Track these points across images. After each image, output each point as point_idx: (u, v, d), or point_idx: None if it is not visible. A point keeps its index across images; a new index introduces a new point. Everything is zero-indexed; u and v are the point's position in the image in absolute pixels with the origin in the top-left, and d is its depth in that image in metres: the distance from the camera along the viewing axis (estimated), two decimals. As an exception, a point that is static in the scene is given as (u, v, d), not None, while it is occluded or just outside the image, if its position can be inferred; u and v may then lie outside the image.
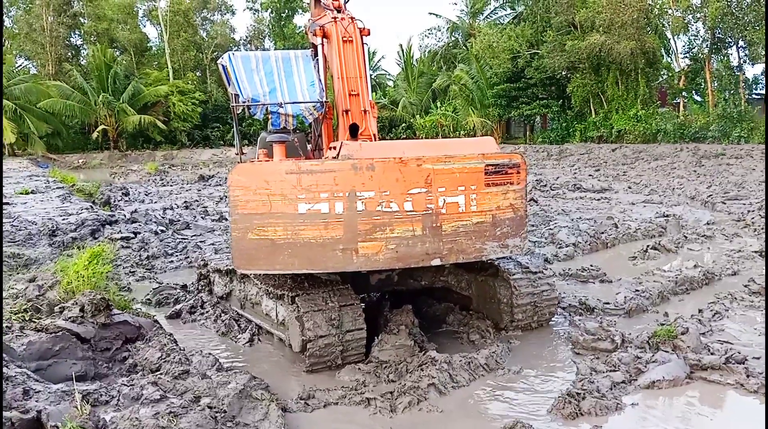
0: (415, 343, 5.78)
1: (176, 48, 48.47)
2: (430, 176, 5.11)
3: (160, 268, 9.86)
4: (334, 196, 4.97)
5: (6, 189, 18.30)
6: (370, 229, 5.03)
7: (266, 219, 5.03)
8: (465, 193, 5.23)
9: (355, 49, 7.19)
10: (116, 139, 44.55)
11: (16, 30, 49.09)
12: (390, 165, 5.04)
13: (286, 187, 4.98)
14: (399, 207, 5.05)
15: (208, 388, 4.86)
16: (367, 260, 5.08)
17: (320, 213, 4.99)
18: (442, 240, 5.20)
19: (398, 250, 5.11)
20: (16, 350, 5.14)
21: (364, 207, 5.01)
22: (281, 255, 5.06)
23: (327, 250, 5.04)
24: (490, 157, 5.34)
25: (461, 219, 5.25)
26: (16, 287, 7.01)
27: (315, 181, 4.97)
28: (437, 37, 50.85)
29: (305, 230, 5.00)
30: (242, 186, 5.05)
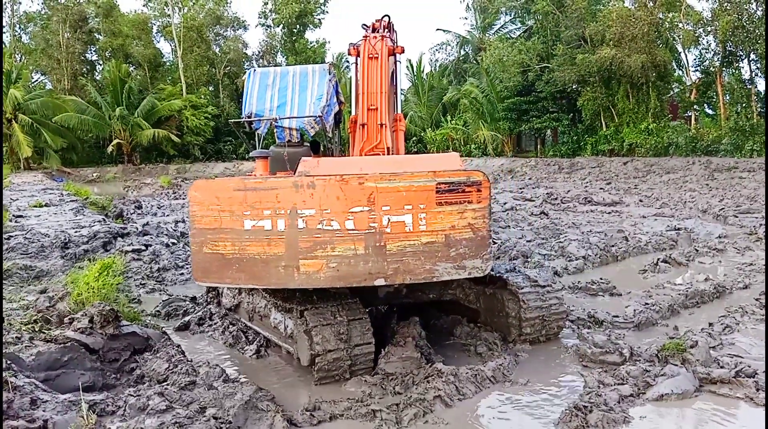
0: (421, 355, 5.77)
1: (189, 63, 49.00)
2: (373, 194, 5.04)
3: (171, 280, 9.92)
4: (276, 214, 5.05)
5: (20, 202, 18.53)
6: (311, 246, 5.06)
7: (217, 234, 5.16)
8: (412, 212, 5.09)
9: (380, 66, 7.25)
10: (130, 152, 45.03)
11: (32, 45, 49.90)
12: (331, 183, 5.04)
13: (234, 204, 5.10)
14: (340, 225, 5.04)
15: (214, 398, 4.87)
16: (309, 278, 5.10)
17: (264, 229, 5.08)
18: (386, 259, 5.10)
19: (339, 269, 5.08)
20: (25, 360, 5.18)
21: (305, 224, 5.04)
22: (230, 269, 5.20)
23: (270, 267, 5.12)
24: (442, 175, 5.16)
25: (408, 238, 5.11)
26: (27, 298, 7.10)
27: (259, 198, 5.07)
28: (447, 51, 51.11)
29: (251, 246, 5.12)
30: (198, 201, 5.20)
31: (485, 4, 43.78)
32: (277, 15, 50.34)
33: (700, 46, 33.05)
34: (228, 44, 51.63)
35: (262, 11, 51.83)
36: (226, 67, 50.34)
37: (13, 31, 50.92)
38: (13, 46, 50.23)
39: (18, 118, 40.86)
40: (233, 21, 52.60)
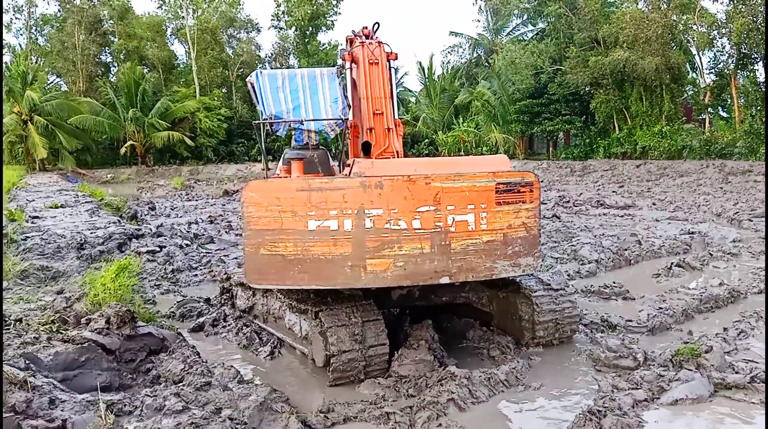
0: (435, 358, 5.79)
1: (203, 65, 49.32)
2: (438, 194, 5.15)
3: (185, 281, 10.00)
4: (343, 214, 5.05)
5: (36, 203, 18.72)
6: (379, 246, 5.10)
7: (277, 235, 5.11)
8: (475, 212, 5.24)
9: (380, 71, 7.34)
10: (144, 154, 45.38)
11: (48, 47, 50.43)
12: (398, 183, 5.11)
13: (297, 204, 5.07)
14: (407, 225, 5.11)
15: (230, 399, 4.91)
16: (376, 277, 5.14)
17: (329, 230, 5.06)
18: (451, 258, 5.22)
19: (406, 268, 5.15)
20: (43, 360, 5.25)
21: (373, 224, 5.08)
22: (292, 270, 5.15)
23: (336, 267, 5.12)
24: (501, 176, 5.36)
25: (471, 237, 5.26)
26: (44, 299, 7.18)
27: (324, 198, 5.06)
28: (459, 54, 51.10)
29: (315, 246, 5.09)
30: (255, 202, 5.14)
31: (498, 7, 43.69)
32: (289, 17, 50.57)
33: (715, 48, 32.86)
34: (241, 46, 51.96)
35: (275, 13, 52.06)
36: (239, 69, 50.63)
37: (30, 33, 51.45)
38: (30, 48, 50.74)
39: (34, 120, 41.32)
40: (246, 23, 52.95)
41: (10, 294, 7.56)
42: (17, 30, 52.52)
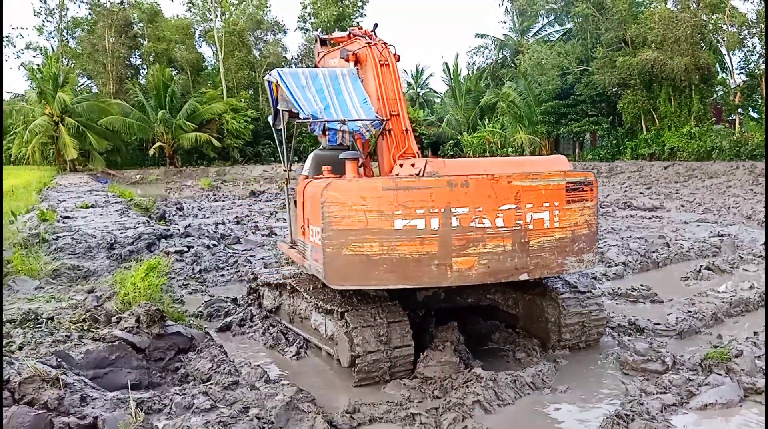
0: (460, 359, 5.78)
1: (230, 67, 49.91)
2: (519, 193, 5.26)
3: (212, 281, 10.12)
4: (429, 212, 5.07)
5: (67, 203, 19.12)
6: (464, 244, 5.14)
7: (362, 235, 5.07)
8: (549, 210, 5.40)
9: (392, 72, 7.36)
10: (172, 155, 46.07)
11: (79, 50, 51.45)
12: (483, 182, 5.19)
13: (383, 203, 5.05)
14: (491, 223, 5.19)
15: (257, 399, 4.97)
16: (461, 275, 5.18)
17: (416, 229, 5.06)
18: (529, 255, 5.36)
19: (490, 265, 5.23)
20: (74, 358, 5.36)
21: (459, 223, 5.12)
22: (377, 270, 5.10)
23: (422, 266, 5.11)
24: (570, 175, 5.57)
25: (546, 235, 5.41)
26: (75, 298, 7.32)
27: (412, 197, 5.06)
28: (485, 55, 50.90)
29: (401, 246, 5.06)
30: (338, 202, 5.08)
31: (524, 8, 43.46)
32: (315, 19, 50.94)
33: (745, 48, 32.29)
34: (268, 48, 52.47)
35: (301, 15, 52.48)
36: (265, 70, 51.09)
37: (61, 36, 52.54)
38: (61, 50, 51.82)
39: (65, 121, 42.17)
40: (273, 25, 53.45)
41: (43, 292, 7.73)
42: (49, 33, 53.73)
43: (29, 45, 55.70)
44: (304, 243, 6.05)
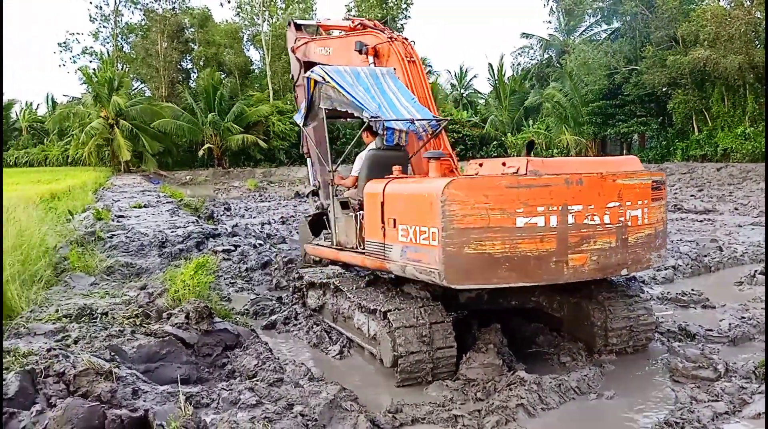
0: (503, 362, 5.74)
1: (277, 70, 50.70)
2: (621, 191, 5.41)
3: (257, 280, 10.29)
4: (549, 210, 5.11)
5: (121, 203, 19.75)
6: (578, 241, 5.23)
7: (484, 233, 5.05)
8: (641, 207, 5.57)
9: (419, 69, 7.29)
10: (220, 156, 47.09)
11: (133, 55, 53.10)
12: (594, 180, 5.30)
13: (506, 201, 5.05)
14: (600, 220, 5.31)
15: (301, 396, 5.03)
16: (575, 272, 5.26)
17: (537, 226, 5.10)
18: (628, 251, 5.51)
19: (599, 262, 5.34)
20: (127, 352, 5.54)
21: (574, 220, 5.20)
22: (498, 269, 5.10)
23: (542, 263, 5.16)
24: (654, 175, 5.77)
25: (639, 231, 5.58)
26: (128, 294, 7.56)
27: (533, 195, 5.09)
28: (530, 55, 50.31)
29: (522, 244, 5.08)
30: (460, 200, 5.05)
31: (570, 7, 42.76)
32: (359, 21, 51.16)
33: (804, 45, 30.94)
34: (312, 51, 52.92)
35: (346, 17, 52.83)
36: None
37: (116, 41, 54.28)
38: (116, 55, 53.54)
39: (119, 124, 43.59)
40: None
41: (97, 289, 8.01)
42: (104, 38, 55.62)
43: (85, 50, 57.80)
44: (384, 244, 5.93)
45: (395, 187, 5.90)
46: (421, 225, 5.31)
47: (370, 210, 6.20)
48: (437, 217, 5.06)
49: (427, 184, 5.47)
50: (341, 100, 6.81)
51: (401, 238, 5.59)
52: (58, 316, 6.20)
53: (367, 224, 6.30)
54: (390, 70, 7.39)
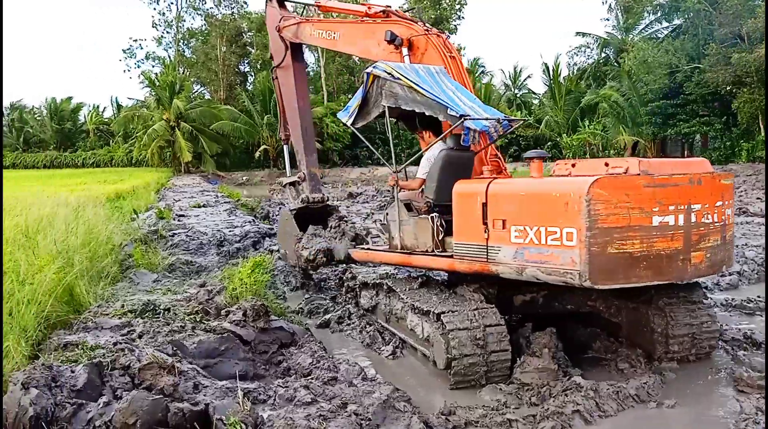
0: (558, 367, 5.65)
1: (331, 72, 51.31)
2: (721, 190, 5.54)
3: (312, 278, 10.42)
4: (677, 209, 5.21)
5: (181, 202, 20.36)
6: (698, 239, 5.35)
7: (625, 232, 5.09)
8: (729, 207, 5.71)
9: (460, 66, 7.09)
10: (276, 157, 47.94)
11: (193, 59, 54.71)
12: (708, 180, 5.45)
13: (644, 200, 5.11)
14: (712, 218, 5.44)
15: (355, 395, 5.08)
16: (696, 269, 5.37)
17: (668, 225, 5.18)
18: (724, 249, 5.65)
19: (711, 259, 5.48)
20: (188, 348, 5.71)
21: (695, 218, 5.32)
22: (637, 268, 5.13)
23: (672, 261, 5.23)
24: (727, 176, 5.86)
25: (728, 230, 5.71)
26: (189, 291, 7.79)
27: (666, 194, 5.18)
28: (586, 54, 49.24)
29: (657, 242, 5.16)
30: (605, 199, 5.05)
31: (629, 4, 41.64)
32: (413, 23, 51.19)
33: None
34: (366, 53, 53.29)
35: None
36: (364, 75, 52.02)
37: (178, 46, 56.00)
38: (177, 59, 55.25)
39: (180, 126, 44.98)
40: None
41: (160, 285, 8.29)
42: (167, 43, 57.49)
43: (148, 55, 59.89)
44: (487, 246, 5.78)
45: (505, 187, 5.77)
46: (549, 225, 5.22)
47: (463, 211, 6.04)
48: (579, 217, 4.99)
49: (561, 183, 5.30)
50: (411, 97, 6.37)
51: (515, 239, 5.49)
52: (123, 312, 6.44)
53: (459, 226, 6.10)
54: (441, 69, 7.11)
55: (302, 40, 9.75)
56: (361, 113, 7.12)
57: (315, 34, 9.24)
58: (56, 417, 4.08)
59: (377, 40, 7.95)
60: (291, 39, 9.88)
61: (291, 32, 9.77)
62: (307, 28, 9.40)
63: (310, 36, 9.42)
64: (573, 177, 5.36)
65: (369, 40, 8.14)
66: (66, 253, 7.22)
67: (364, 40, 8.23)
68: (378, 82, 6.73)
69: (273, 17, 10.27)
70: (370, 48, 8.14)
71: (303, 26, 9.41)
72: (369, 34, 8.14)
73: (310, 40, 9.58)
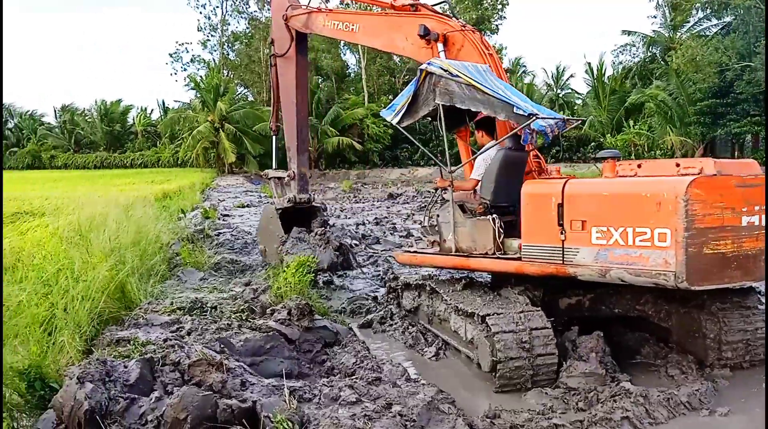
0: (606, 372, 5.54)
1: (372, 73, 51.51)
2: None
3: (353, 278, 10.49)
4: (760, 209, 5.23)
5: (226, 202, 20.75)
6: None
7: (719, 232, 5.10)
8: None
9: (498, 64, 6.96)
10: (316, 159, 48.41)
11: (237, 62, 55.71)
12: None
13: (735, 200, 5.13)
14: None
15: (399, 396, 5.08)
16: None
17: (754, 225, 5.20)
18: None
19: None
20: (235, 345, 5.81)
21: None
22: (728, 268, 5.14)
23: (757, 261, 5.24)
24: None
25: None
26: (234, 289, 7.94)
27: (753, 194, 5.20)
28: (632, 53, 48.16)
29: (746, 243, 5.18)
30: (702, 200, 5.03)
31: (677, 1, 40.59)
32: (455, 23, 51.03)
33: None
34: (408, 54, 53.38)
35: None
36: (405, 76, 52.15)
37: (222, 49, 57.05)
38: (222, 62, 56.29)
39: (224, 127, 45.84)
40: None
41: (206, 283, 8.47)
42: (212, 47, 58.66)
43: (194, 59, 61.20)
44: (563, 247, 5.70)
45: (585, 188, 5.70)
46: (638, 226, 5.16)
47: (534, 212, 5.94)
48: (674, 217, 4.95)
49: (652, 183, 5.21)
50: (470, 96, 6.12)
51: (596, 240, 5.42)
52: (172, 309, 6.61)
53: (529, 227, 5.99)
54: (487, 67, 6.88)
55: (312, 30, 9.42)
56: (409, 112, 6.80)
57: (329, 25, 8.89)
58: (110, 411, 4.21)
59: (404, 34, 7.69)
60: (300, 29, 9.51)
61: (300, 22, 9.40)
62: (319, 18, 9.03)
63: (323, 27, 9.05)
64: (667, 177, 5.25)
65: (395, 33, 7.86)
66: (118, 251, 7.43)
67: (390, 32, 7.94)
68: (431, 79, 6.45)
69: (281, 5, 9.89)
70: (395, 41, 7.86)
71: (315, 16, 9.04)
72: (395, 26, 7.86)
73: (322, 30, 9.23)
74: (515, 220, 6.47)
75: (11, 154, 69.39)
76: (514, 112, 5.82)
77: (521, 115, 5.78)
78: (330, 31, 9.05)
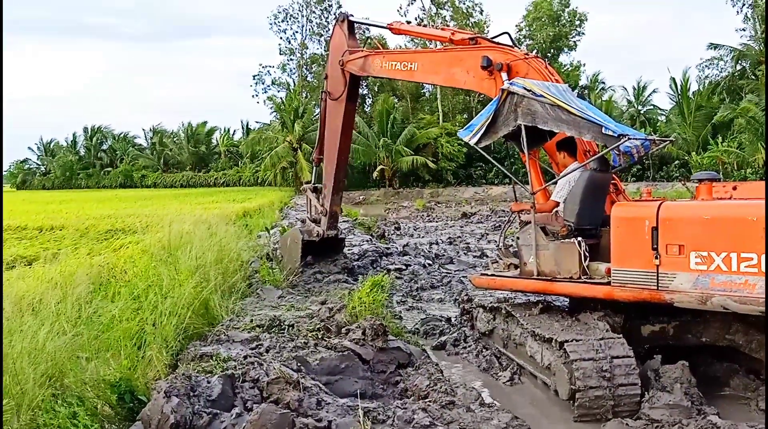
0: (692, 404, 5.29)
1: (446, 92, 51.63)
2: None
3: (427, 299, 10.48)
4: None
5: (302, 222, 21.20)
6: None
7: None
8: None
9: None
10: (391, 177, 48.91)
11: (315, 83, 57.38)
12: None
13: None
14: None
15: (473, 421, 5.05)
16: None
17: None
18: None
19: None
20: (311, 364, 5.93)
21: None
22: None
23: None
24: None
25: None
26: (310, 308, 8.11)
27: None
28: (719, 67, 46.02)
29: None
30: None
31: None
32: (531, 41, 50.54)
33: None
34: (482, 72, 53.25)
35: (516, 38, 52.44)
36: (479, 95, 51.86)
37: (301, 71, 58.83)
38: (300, 84, 58.03)
39: (302, 148, 47.16)
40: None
41: (284, 302, 8.69)
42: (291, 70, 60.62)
43: (274, 81, 63.36)
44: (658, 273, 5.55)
45: (683, 211, 5.56)
46: (743, 251, 4.97)
47: (626, 236, 5.76)
48: None
49: (760, 206, 4.99)
50: (553, 116, 6.03)
51: (695, 265, 5.25)
52: (252, 326, 6.82)
53: (619, 251, 5.80)
54: (566, 86, 6.81)
55: (370, 73, 9.54)
56: (488, 132, 6.67)
57: (387, 66, 8.95)
58: (193, 425, 4.38)
59: (465, 68, 7.68)
60: (356, 72, 9.65)
61: (357, 66, 9.46)
62: (376, 60, 9.12)
63: (380, 68, 9.13)
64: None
65: (456, 68, 7.86)
66: (203, 268, 7.77)
67: (450, 68, 7.95)
68: (512, 99, 6.36)
69: (339, 47, 10.02)
70: (455, 76, 7.88)
71: (372, 59, 9.13)
72: (456, 61, 7.88)
73: (380, 72, 9.32)
74: (599, 244, 6.34)
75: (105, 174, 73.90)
76: (602, 132, 5.68)
77: (610, 136, 5.63)
78: (387, 71, 9.13)
